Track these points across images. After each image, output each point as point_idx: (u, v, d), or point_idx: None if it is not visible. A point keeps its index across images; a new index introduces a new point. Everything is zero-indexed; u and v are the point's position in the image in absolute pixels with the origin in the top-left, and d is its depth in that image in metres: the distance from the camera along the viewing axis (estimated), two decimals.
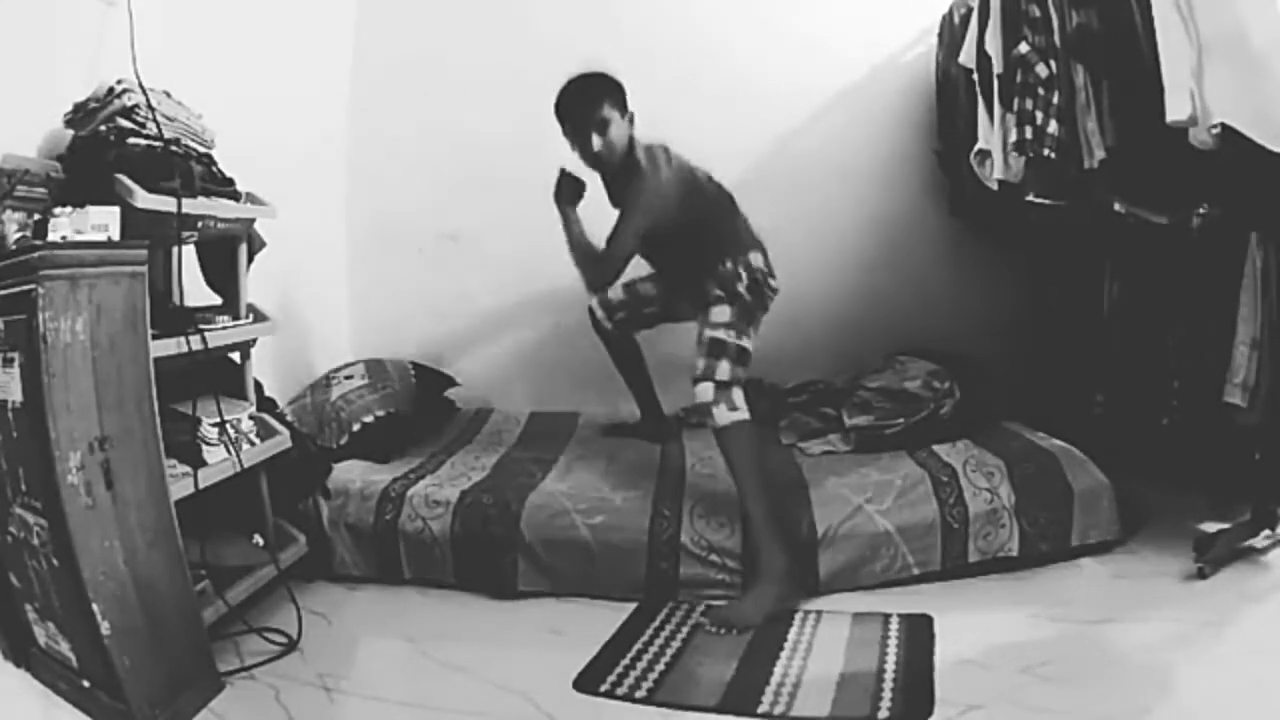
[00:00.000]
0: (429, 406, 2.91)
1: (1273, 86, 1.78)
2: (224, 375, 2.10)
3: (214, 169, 2.00)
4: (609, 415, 2.99)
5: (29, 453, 1.50)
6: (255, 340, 2.14)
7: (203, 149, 1.99)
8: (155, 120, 1.83)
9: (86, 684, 1.57)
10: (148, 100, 1.82)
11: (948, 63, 2.85)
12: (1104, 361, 2.57)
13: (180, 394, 1.83)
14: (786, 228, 2.50)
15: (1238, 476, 2.24)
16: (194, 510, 1.77)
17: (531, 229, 2.34)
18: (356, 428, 2.54)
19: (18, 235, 1.60)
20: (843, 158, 3.19)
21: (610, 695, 1.65)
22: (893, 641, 1.79)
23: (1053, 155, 2.24)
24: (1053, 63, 2.25)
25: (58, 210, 1.56)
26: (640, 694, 1.65)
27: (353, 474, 2.37)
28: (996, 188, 2.53)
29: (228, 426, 1.94)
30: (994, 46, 2.39)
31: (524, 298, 3.25)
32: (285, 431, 2.15)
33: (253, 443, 2.03)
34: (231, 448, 1.93)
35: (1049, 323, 3.02)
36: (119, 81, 1.81)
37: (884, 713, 1.54)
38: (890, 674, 1.67)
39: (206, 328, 1.90)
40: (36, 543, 1.53)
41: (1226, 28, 1.84)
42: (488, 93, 3.23)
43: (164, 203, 1.77)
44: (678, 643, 1.84)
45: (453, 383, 3.12)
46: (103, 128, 1.79)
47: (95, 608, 1.48)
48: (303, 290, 2.82)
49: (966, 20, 2.62)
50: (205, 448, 1.88)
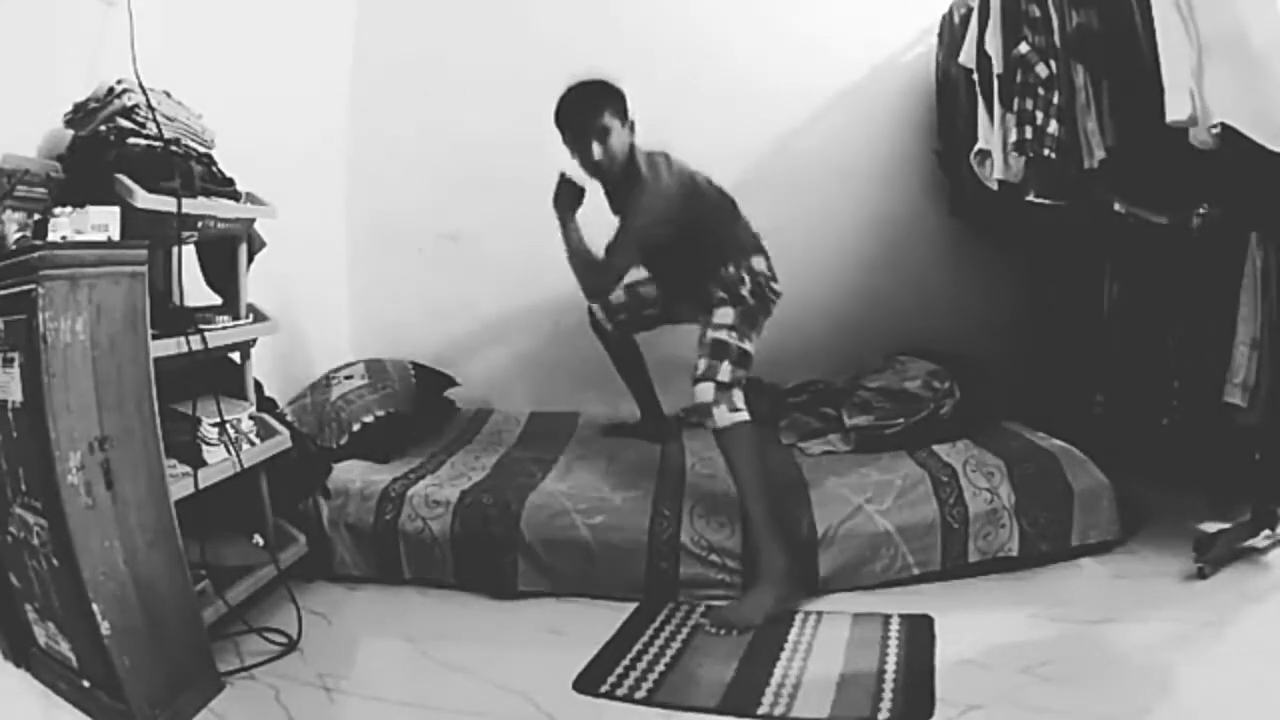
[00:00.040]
0: (429, 406, 2.91)
1: (1273, 86, 1.78)
2: (224, 375, 2.10)
3: (214, 169, 2.00)
4: (609, 415, 2.98)
5: (29, 453, 1.50)
6: (255, 340, 2.14)
7: (203, 149, 1.99)
8: (155, 120, 1.83)
9: (86, 684, 1.57)
10: (148, 100, 1.82)
11: (948, 63, 2.85)
12: (1104, 361, 2.57)
13: (180, 394, 1.83)
14: (786, 228, 2.50)
15: (1238, 476, 2.24)
16: (194, 510, 1.77)
17: (531, 229, 2.34)
18: (356, 428, 2.54)
19: (18, 235, 1.60)
20: (843, 158, 3.19)
21: (610, 696, 1.65)
22: (893, 642, 1.79)
23: (1053, 155, 2.24)
24: (1053, 63, 2.25)
25: (58, 210, 1.56)
26: (640, 695, 1.65)
27: (353, 474, 2.37)
28: (996, 188, 2.53)
29: (228, 426, 1.94)
30: (994, 46, 2.39)
31: (524, 298, 3.25)
32: (285, 431, 2.15)
33: (253, 443, 2.03)
34: (231, 448, 1.93)
35: (1049, 323, 3.02)
36: (119, 81, 1.81)
37: (884, 713, 1.54)
38: (891, 674, 1.66)
39: (206, 328, 1.90)
40: (36, 543, 1.53)
41: (1226, 28, 1.84)
42: (488, 93, 3.23)
43: (164, 203, 1.77)
44: (678, 643, 1.84)
45: (453, 383, 3.12)
46: (103, 128, 1.79)
47: (95, 608, 1.48)
48: (303, 290, 2.82)
49: (966, 20, 2.62)
50: (205, 448, 1.88)
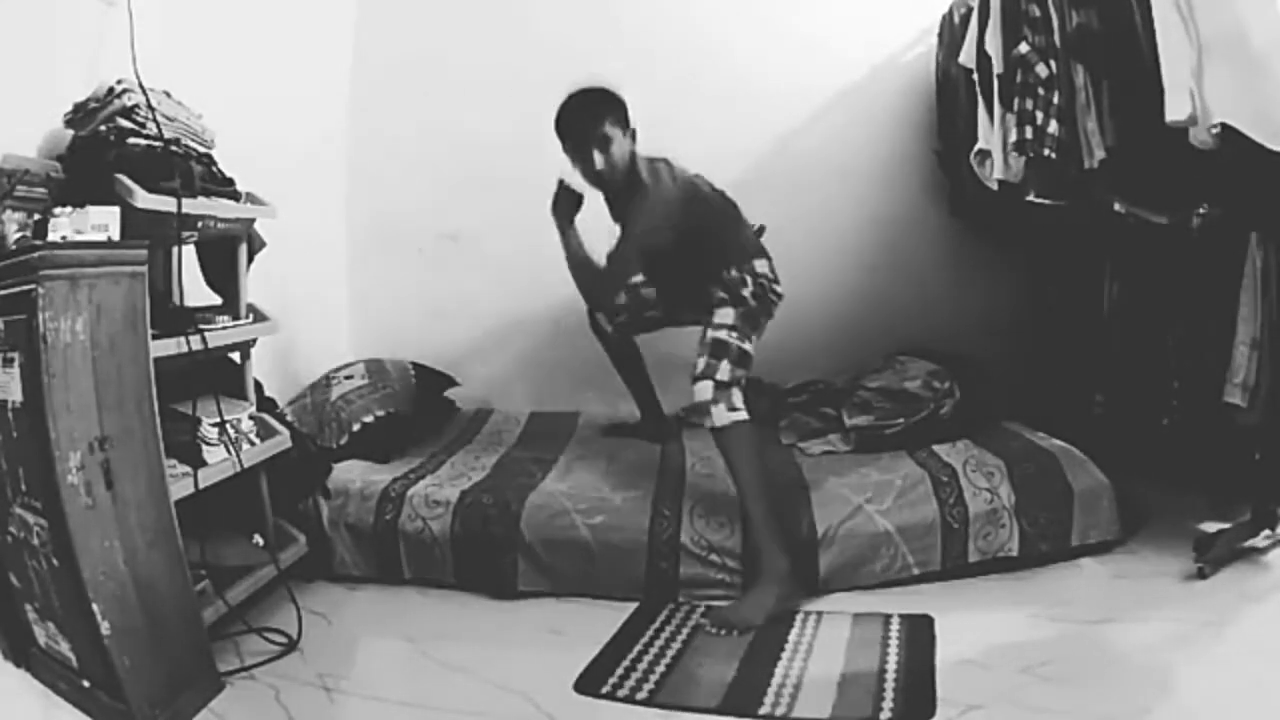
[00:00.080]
0: (429, 406, 2.91)
1: (1273, 86, 1.78)
2: (224, 375, 2.10)
3: (214, 169, 2.00)
4: (609, 415, 2.99)
5: (29, 453, 1.50)
6: (255, 340, 2.14)
7: (203, 149, 1.99)
8: (155, 120, 1.83)
9: (86, 684, 1.57)
10: (148, 100, 1.82)
11: (948, 63, 2.85)
12: (1104, 361, 2.57)
13: (180, 394, 1.83)
14: (786, 228, 2.50)
15: (1238, 476, 2.24)
16: (194, 510, 1.77)
17: (531, 229, 2.34)
18: (356, 428, 2.54)
19: (18, 235, 1.60)
20: (843, 158, 3.19)
21: (611, 697, 1.65)
22: (893, 642, 1.79)
23: (1053, 155, 2.24)
24: (1053, 63, 2.25)
25: (58, 210, 1.56)
26: (641, 695, 1.65)
27: (353, 474, 2.37)
28: (996, 188, 2.53)
29: (228, 426, 1.94)
30: (994, 46, 2.39)
31: (524, 298, 3.25)
32: (285, 431, 2.15)
33: (253, 443, 2.03)
34: (231, 448, 1.93)
35: (1049, 323, 3.02)
36: (119, 81, 1.81)
37: (886, 713, 1.54)
38: (891, 675, 1.66)
39: (206, 328, 1.90)
40: (36, 543, 1.53)
41: (1226, 27, 1.84)
42: (488, 93, 3.23)
43: (164, 203, 1.77)
44: (678, 644, 1.84)
45: (453, 383, 3.12)
46: (103, 128, 1.79)
47: (95, 608, 1.47)
48: (303, 290, 2.82)
49: (966, 20, 2.62)
50: (205, 448, 1.88)
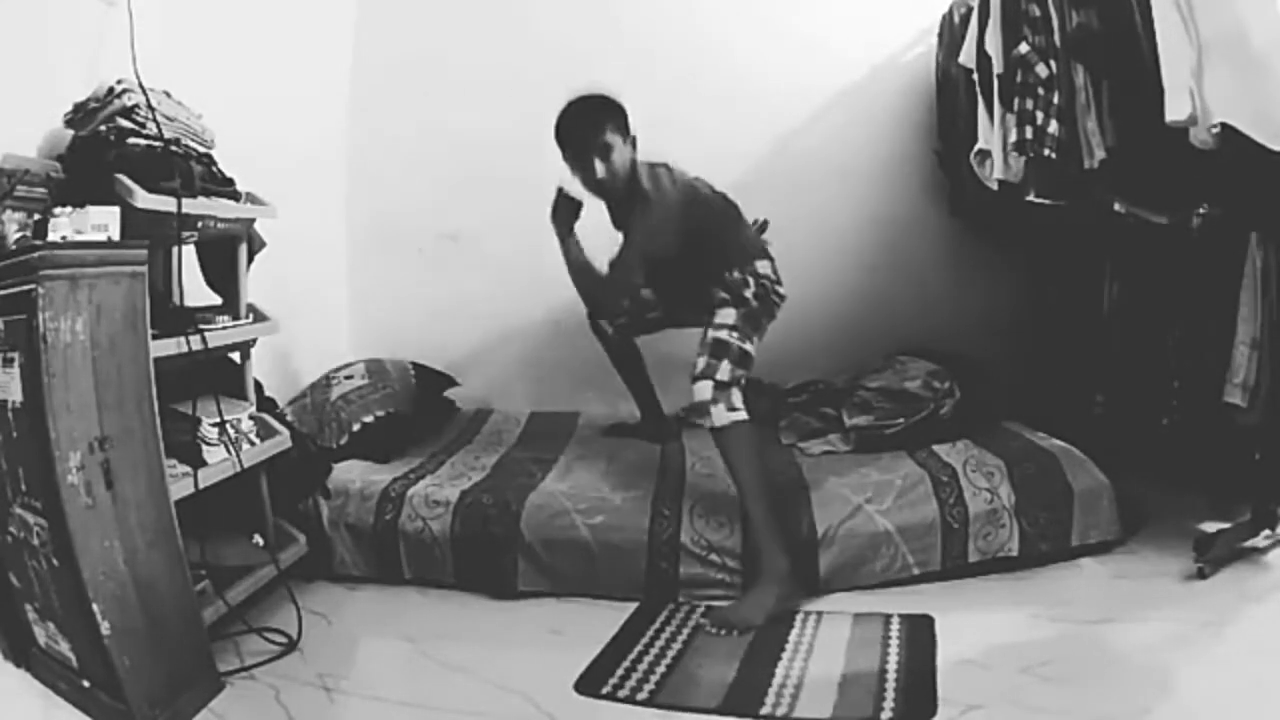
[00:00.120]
0: (429, 406, 2.91)
1: (1273, 86, 1.78)
2: (224, 375, 2.10)
3: (214, 169, 2.00)
4: (609, 415, 2.99)
5: (29, 453, 1.50)
6: (255, 340, 2.14)
7: (203, 149, 1.99)
8: (155, 120, 1.83)
9: (86, 684, 1.57)
10: (148, 100, 1.82)
11: (948, 63, 2.85)
12: (1104, 361, 2.57)
13: (180, 394, 1.83)
14: (786, 228, 2.50)
15: (1238, 476, 2.24)
16: (194, 510, 1.77)
17: (531, 229, 2.34)
18: (356, 428, 2.54)
19: (18, 235, 1.60)
20: (843, 158, 3.19)
21: (612, 698, 1.65)
22: (894, 642, 1.79)
23: (1053, 155, 2.24)
24: (1053, 63, 2.25)
25: (58, 210, 1.56)
26: (642, 696, 1.64)
27: (353, 474, 2.37)
28: (996, 188, 2.53)
29: (228, 426, 1.94)
30: (994, 46, 2.39)
31: (524, 298, 3.24)
32: (285, 431, 2.15)
33: (253, 443, 2.03)
34: (231, 448, 1.93)
35: (1049, 323, 3.02)
36: (119, 81, 1.81)
37: (887, 713, 1.54)
38: (892, 674, 1.66)
39: (206, 328, 1.90)
40: (36, 543, 1.53)
41: (1226, 27, 1.84)
42: (488, 93, 3.23)
43: (164, 203, 1.77)
44: (678, 644, 1.84)
45: (453, 383, 3.12)
46: (103, 128, 1.79)
47: (95, 608, 1.47)
48: (303, 290, 2.82)
49: (966, 20, 2.62)
50: (205, 448, 1.88)
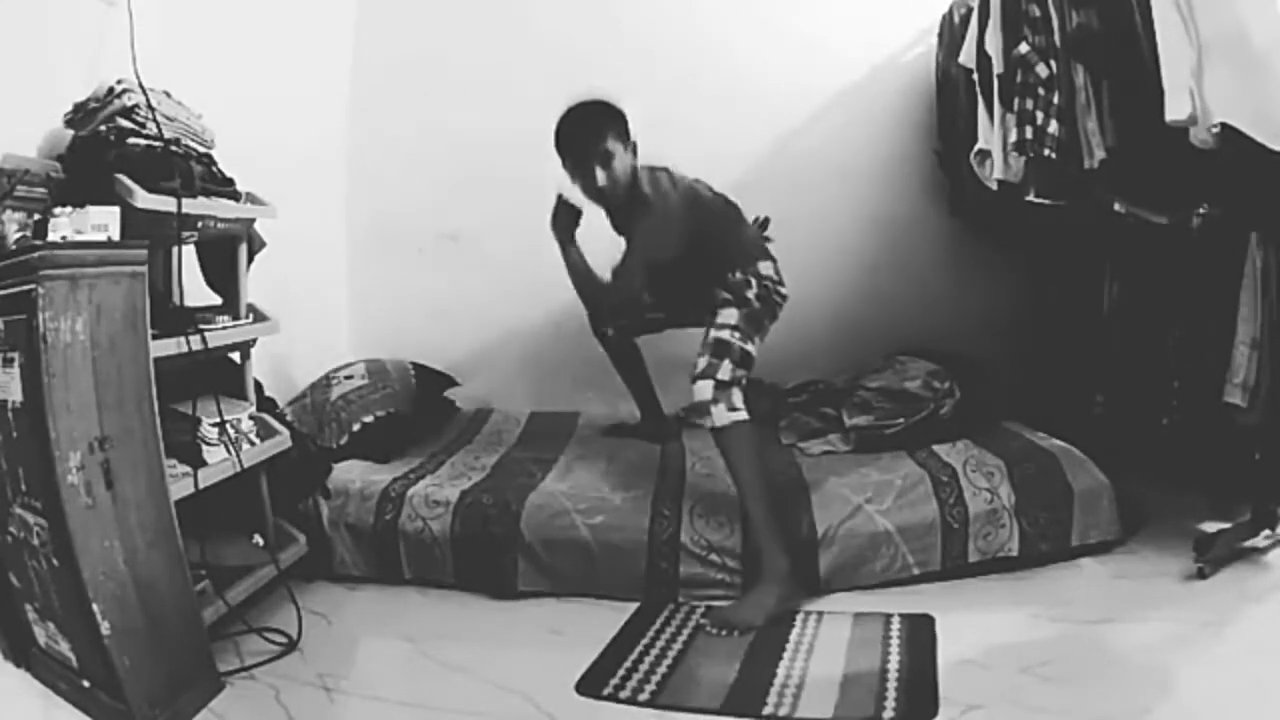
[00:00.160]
0: (429, 406, 2.91)
1: (1273, 86, 1.78)
2: (224, 375, 2.10)
3: (214, 169, 2.00)
4: (609, 415, 2.98)
5: (29, 453, 1.50)
6: (255, 340, 2.14)
7: (203, 149, 1.99)
8: (155, 120, 1.83)
9: (86, 684, 1.57)
10: (148, 100, 1.82)
11: (948, 63, 2.85)
12: (1104, 361, 2.57)
13: (180, 394, 1.83)
14: (787, 228, 2.50)
15: (1238, 476, 2.24)
16: (194, 510, 1.77)
17: (531, 229, 2.33)
18: (356, 428, 2.53)
19: (18, 235, 1.60)
20: (843, 158, 3.19)
21: (614, 699, 1.64)
22: (894, 641, 1.79)
23: (1053, 155, 2.24)
24: (1053, 63, 2.25)
25: (58, 210, 1.56)
26: (644, 697, 1.64)
27: (353, 474, 2.37)
28: (996, 188, 2.53)
29: (228, 426, 1.94)
30: (994, 46, 2.39)
31: (524, 298, 3.24)
32: (285, 431, 2.15)
33: (253, 443, 2.03)
34: (231, 448, 1.93)
35: (1049, 323, 3.02)
36: (119, 81, 1.81)
37: (889, 713, 1.54)
38: (893, 674, 1.66)
39: (206, 328, 1.90)
40: (36, 543, 1.53)
41: (1226, 27, 1.84)
42: (488, 93, 3.23)
43: (164, 203, 1.77)
44: (679, 645, 1.84)
45: (453, 383, 3.12)
46: (103, 128, 1.79)
47: (95, 608, 1.47)
48: (303, 290, 2.82)
49: (966, 20, 2.62)
50: (205, 448, 1.88)
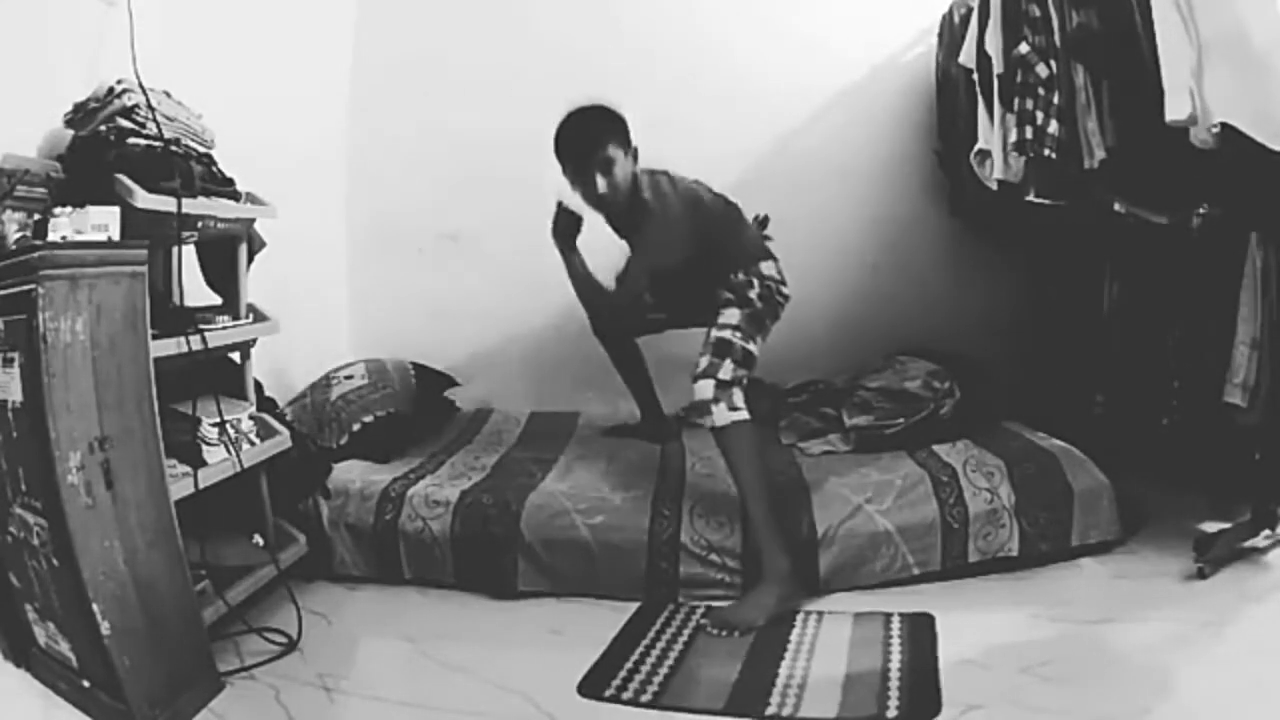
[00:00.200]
0: (429, 406, 2.91)
1: (1273, 86, 1.78)
2: (224, 375, 2.10)
3: (214, 169, 2.00)
4: (609, 415, 2.98)
5: (29, 453, 1.50)
6: (255, 340, 2.14)
7: (203, 149, 1.99)
8: (155, 120, 1.83)
9: (86, 684, 1.57)
10: (148, 100, 1.82)
11: (948, 63, 2.85)
12: (1104, 361, 2.57)
13: (180, 394, 1.83)
14: (787, 228, 2.49)
15: (1238, 476, 2.24)
16: (194, 510, 1.77)
17: (531, 229, 2.33)
18: (356, 428, 2.53)
19: (18, 235, 1.60)
20: (843, 158, 3.19)
21: (616, 700, 1.64)
22: (895, 641, 1.79)
23: (1053, 155, 2.24)
24: (1053, 63, 2.25)
25: (58, 210, 1.56)
26: (646, 698, 1.64)
27: (353, 474, 2.37)
28: (996, 188, 2.53)
29: (228, 426, 1.94)
30: (994, 46, 2.39)
31: (524, 298, 3.24)
32: (285, 431, 2.15)
33: (253, 443, 2.03)
34: (231, 448, 1.93)
35: (1049, 323, 3.02)
36: (119, 81, 1.81)
37: (892, 712, 1.54)
38: (895, 673, 1.66)
39: (206, 328, 1.90)
40: (36, 543, 1.53)
41: (1226, 27, 1.84)
42: (488, 93, 3.23)
43: (164, 203, 1.77)
44: (680, 645, 1.84)
45: (453, 383, 3.12)
46: (103, 128, 1.79)
47: (95, 608, 1.47)
48: (303, 290, 2.82)
49: (966, 20, 2.62)
50: (205, 448, 1.88)
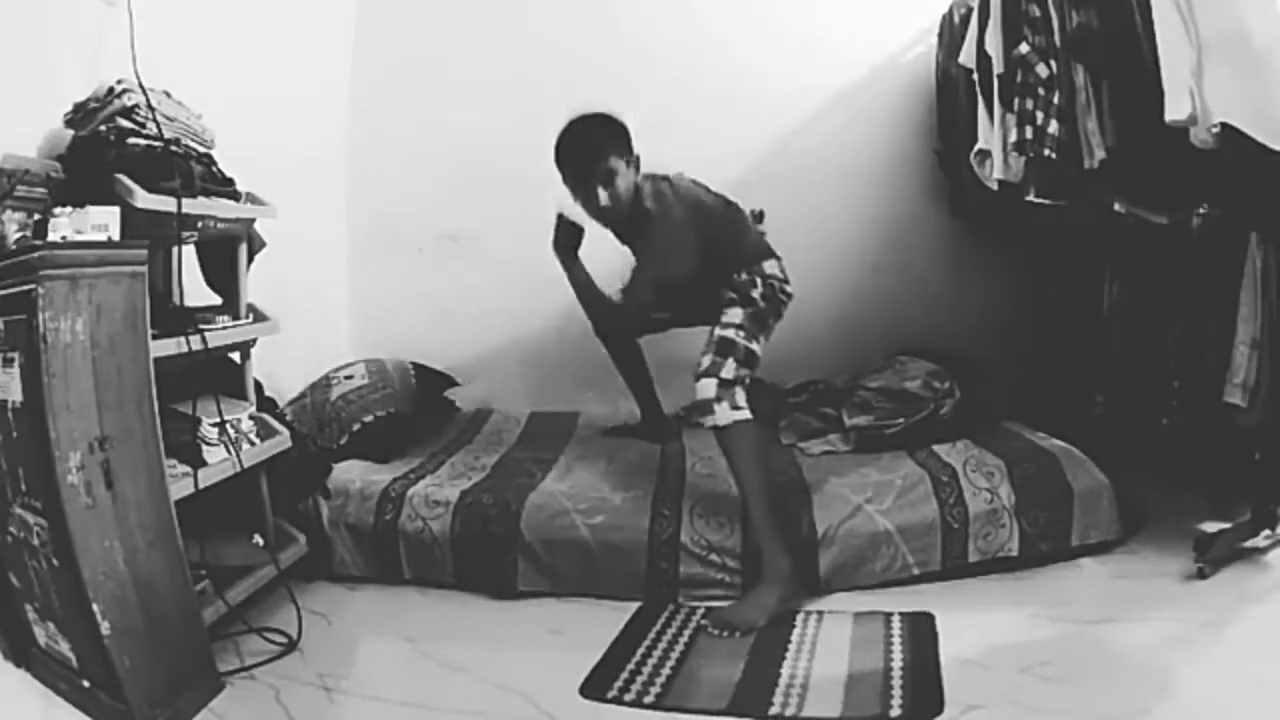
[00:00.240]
0: (429, 406, 2.91)
1: (1273, 86, 1.78)
2: (224, 375, 2.10)
3: (214, 169, 2.00)
4: (609, 415, 2.98)
5: (29, 453, 1.50)
6: (255, 340, 2.14)
7: (203, 149, 1.99)
8: (155, 120, 1.83)
9: (86, 684, 1.57)
10: (148, 100, 1.82)
11: (948, 63, 2.85)
12: (1104, 361, 2.57)
13: (180, 394, 1.83)
14: (787, 228, 2.50)
15: (1238, 476, 2.24)
16: (194, 510, 1.77)
17: (531, 229, 2.33)
18: (356, 428, 2.53)
19: (18, 235, 1.60)
20: (843, 158, 3.19)
21: (618, 701, 1.64)
22: (896, 640, 1.79)
23: (1053, 155, 2.24)
24: (1053, 63, 2.25)
25: (58, 210, 1.56)
26: (649, 699, 1.64)
27: (353, 474, 2.37)
28: (996, 188, 2.53)
29: (228, 426, 1.94)
30: (994, 46, 2.39)
31: (524, 297, 3.24)
32: (285, 431, 2.15)
33: (253, 443, 2.03)
34: (231, 448, 1.93)
35: (1049, 323, 3.02)
36: (119, 81, 1.81)
37: (895, 711, 1.54)
38: (897, 672, 1.66)
39: (206, 328, 1.90)
40: (36, 543, 1.53)
41: (1226, 27, 1.83)
42: (488, 93, 3.23)
43: (164, 203, 1.77)
44: (681, 646, 1.84)
45: (453, 383, 3.12)
46: (103, 128, 1.79)
47: (95, 608, 1.47)
48: (303, 290, 2.82)
49: (966, 20, 2.62)
50: (205, 448, 1.88)
